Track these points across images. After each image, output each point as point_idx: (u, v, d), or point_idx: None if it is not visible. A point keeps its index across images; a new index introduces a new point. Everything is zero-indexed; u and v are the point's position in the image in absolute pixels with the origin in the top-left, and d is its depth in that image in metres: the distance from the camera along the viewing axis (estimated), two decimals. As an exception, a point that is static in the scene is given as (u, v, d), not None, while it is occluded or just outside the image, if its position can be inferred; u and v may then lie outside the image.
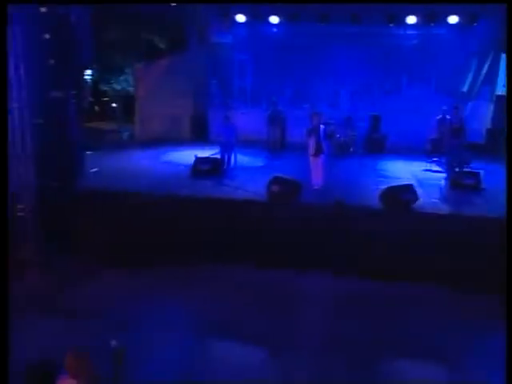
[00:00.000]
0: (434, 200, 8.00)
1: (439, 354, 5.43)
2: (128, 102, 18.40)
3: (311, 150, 8.10)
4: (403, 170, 10.26)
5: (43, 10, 6.50)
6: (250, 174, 9.68)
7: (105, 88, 20.78)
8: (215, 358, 5.36)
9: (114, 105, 21.08)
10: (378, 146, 12.25)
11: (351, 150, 12.02)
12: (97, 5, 9.15)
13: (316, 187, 8.12)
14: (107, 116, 21.62)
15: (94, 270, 7.09)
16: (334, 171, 9.68)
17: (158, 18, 14.96)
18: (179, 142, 13.39)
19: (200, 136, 14.19)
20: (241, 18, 13.36)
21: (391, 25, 12.49)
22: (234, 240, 7.29)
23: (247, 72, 14.33)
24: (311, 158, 8.20)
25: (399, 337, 5.71)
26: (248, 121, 13.88)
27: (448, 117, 10.48)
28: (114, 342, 3.24)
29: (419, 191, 8.10)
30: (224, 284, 6.86)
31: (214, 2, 12.08)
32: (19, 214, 7.88)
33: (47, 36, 6.66)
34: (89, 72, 19.03)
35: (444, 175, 9.60)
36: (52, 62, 6.95)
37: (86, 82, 19.18)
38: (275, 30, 13.56)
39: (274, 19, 13.18)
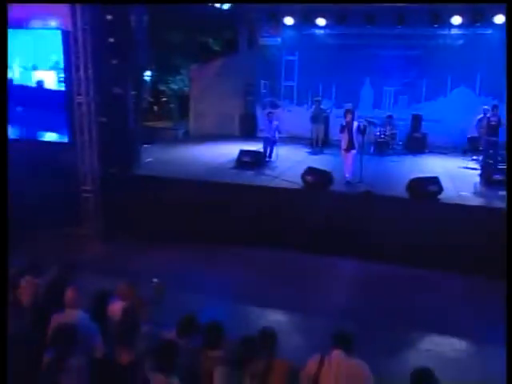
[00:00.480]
0: (462, 193, 8.38)
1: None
2: (183, 101, 19.73)
3: (343, 144, 8.77)
4: (438, 167, 10.60)
5: (109, 17, 7.63)
6: (289, 166, 10.41)
7: (163, 88, 22.27)
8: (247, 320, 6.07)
9: (171, 104, 22.51)
10: (418, 145, 12.60)
11: (391, 147, 12.45)
12: (156, 9, 10.29)
13: (347, 180, 8.75)
14: (164, 114, 23.08)
15: (146, 244, 8.14)
16: (370, 166, 10.21)
17: (212, 21, 16.06)
18: (229, 138, 14.31)
19: (248, 133, 15.09)
20: (289, 20, 14.15)
21: (436, 25, 12.78)
22: (268, 223, 8.10)
23: (294, 72, 15.09)
24: (343, 153, 8.86)
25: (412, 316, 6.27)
26: (293, 119, 14.75)
27: (488, 115, 10.74)
28: (155, 280, 4.14)
29: (449, 185, 8.53)
30: (255, 262, 7.67)
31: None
32: (84, 194, 9.14)
33: (111, 40, 7.77)
34: (148, 73, 20.51)
35: (479, 172, 9.89)
36: (115, 62, 8.06)
37: (146, 81, 20.68)
38: (322, 31, 14.20)
39: (321, 21, 13.81)
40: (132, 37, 7.74)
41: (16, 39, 8.23)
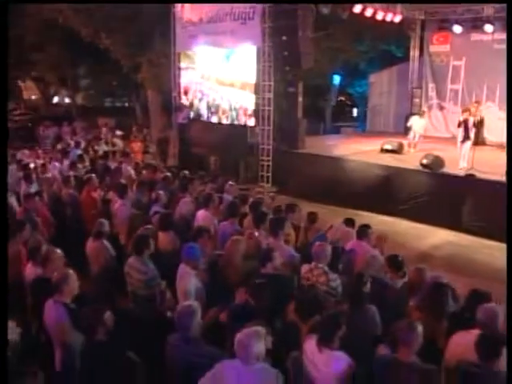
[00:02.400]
0: None
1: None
2: (365, 103, 22.43)
3: (460, 137, 10.54)
4: None
5: (284, 38, 11.13)
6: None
7: (351, 91, 25.31)
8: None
9: (355, 106, 25.41)
10: None
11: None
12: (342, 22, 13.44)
13: (461, 167, 10.43)
14: (350, 114, 26.10)
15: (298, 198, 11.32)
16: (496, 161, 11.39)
17: (392, 31, 18.35)
18: (395, 135, 16.32)
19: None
20: (457, 28, 15.66)
21: None
22: (385, 193, 10.53)
23: (460, 76, 16.37)
24: (459, 144, 10.61)
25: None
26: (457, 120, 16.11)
27: None
28: (271, 194, 7.36)
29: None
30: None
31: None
32: (261, 163, 12.88)
33: (285, 53, 11.27)
34: (337, 78, 23.82)
35: None
36: (287, 69, 11.57)
37: (334, 86, 24.05)
38: (489, 37, 15.22)
39: (489, 27, 14.92)
40: (298, 50, 11.01)
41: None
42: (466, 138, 10.47)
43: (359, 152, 12.97)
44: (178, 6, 13.84)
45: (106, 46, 16.23)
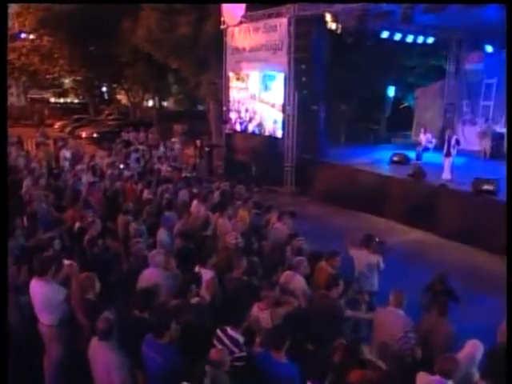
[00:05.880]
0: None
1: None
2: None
3: (444, 152, 12.65)
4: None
5: (303, 66, 13.99)
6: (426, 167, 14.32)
7: (406, 103, 27.12)
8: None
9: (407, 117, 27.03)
10: None
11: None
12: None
13: (444, 179, 12.51)
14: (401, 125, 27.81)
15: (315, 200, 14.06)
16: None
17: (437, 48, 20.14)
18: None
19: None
20: (489, 48, 17.31)
21: None
22: (379, 197, 12.96)
23: (492, 93, 17.88)
24: (443, 158, 12.71)
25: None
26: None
27: None
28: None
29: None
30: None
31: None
32: (286, 168, 15.81)
33: (304, 79, 14.14)
34: (392, 90, 25.78)
35: None
36: (305, 92, 14.42)
37: (389, 97, 26.04)
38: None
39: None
40: (311, 77, 13.83)
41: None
42: (448, 153, 12.56)
43: (370, 162, 15.38)
44: (229, 36, 17.25)
45: (176, 67, 20.22)
